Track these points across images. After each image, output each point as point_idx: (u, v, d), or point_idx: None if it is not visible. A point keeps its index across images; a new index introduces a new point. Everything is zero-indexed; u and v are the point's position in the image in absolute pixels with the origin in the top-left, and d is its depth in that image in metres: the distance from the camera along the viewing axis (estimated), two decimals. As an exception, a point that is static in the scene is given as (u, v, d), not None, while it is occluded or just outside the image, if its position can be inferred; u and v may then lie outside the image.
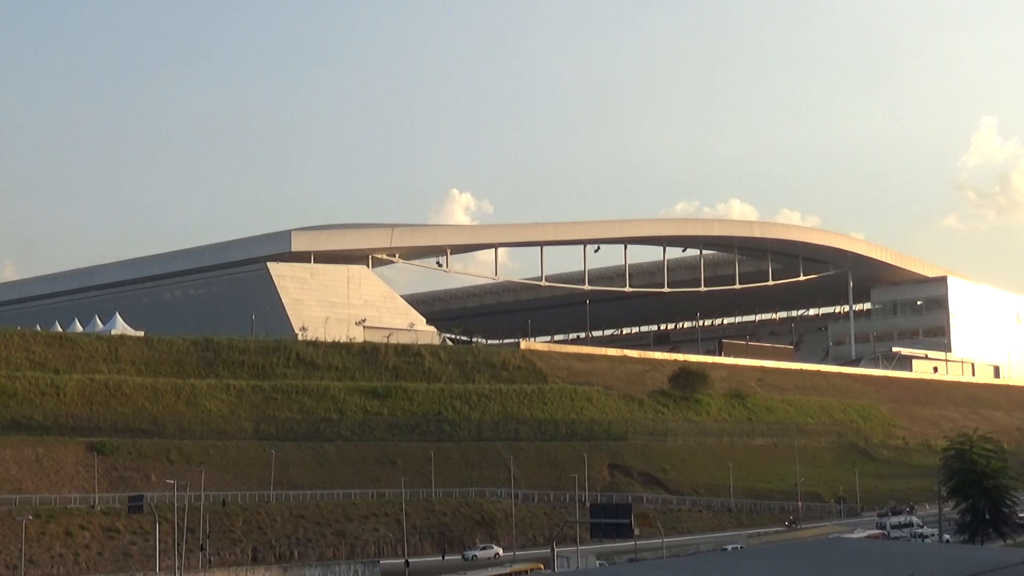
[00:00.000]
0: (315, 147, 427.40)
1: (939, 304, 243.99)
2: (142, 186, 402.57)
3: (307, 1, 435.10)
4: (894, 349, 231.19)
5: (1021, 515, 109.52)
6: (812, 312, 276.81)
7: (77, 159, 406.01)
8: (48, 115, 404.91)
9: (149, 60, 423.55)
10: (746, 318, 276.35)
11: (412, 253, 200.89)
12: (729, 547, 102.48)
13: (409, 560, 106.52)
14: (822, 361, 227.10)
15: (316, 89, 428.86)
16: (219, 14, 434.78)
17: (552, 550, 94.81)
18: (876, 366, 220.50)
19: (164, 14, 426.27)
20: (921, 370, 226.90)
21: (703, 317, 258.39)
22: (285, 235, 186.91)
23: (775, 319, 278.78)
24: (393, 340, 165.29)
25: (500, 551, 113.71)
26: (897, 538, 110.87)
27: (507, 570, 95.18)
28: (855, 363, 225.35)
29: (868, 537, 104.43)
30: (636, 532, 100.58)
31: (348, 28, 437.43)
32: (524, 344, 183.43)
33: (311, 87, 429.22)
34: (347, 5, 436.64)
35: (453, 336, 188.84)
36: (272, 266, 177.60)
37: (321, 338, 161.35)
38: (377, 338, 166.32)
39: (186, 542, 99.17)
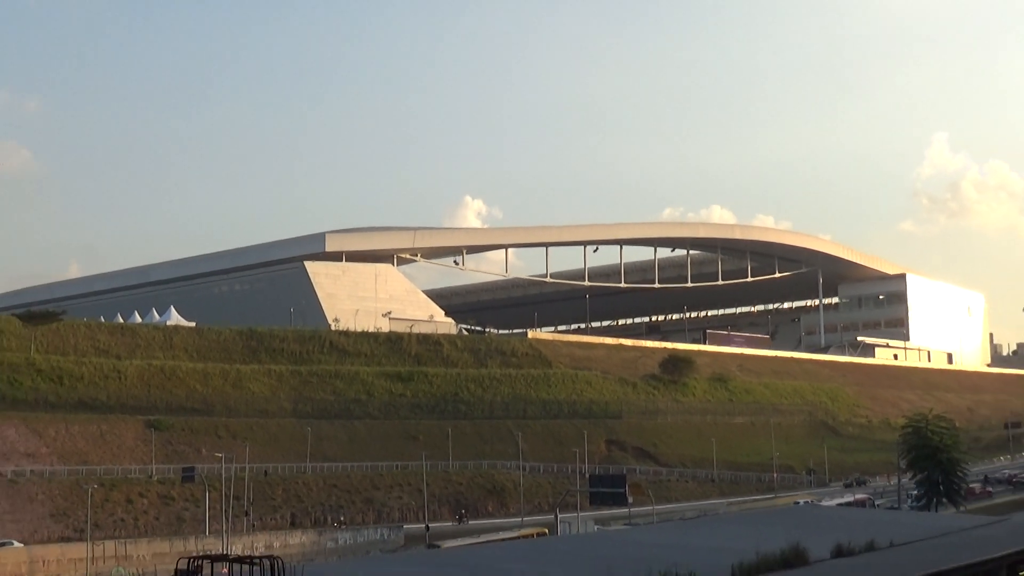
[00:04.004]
0: (346, 159, 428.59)
1: (899, 298, 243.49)
2: (193, 194, 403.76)
3: (336, 35, 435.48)
4: (859, 338, 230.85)
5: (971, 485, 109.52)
6: (786, 305, 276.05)
7: (135, 170, 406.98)
8: (106, 130, 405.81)
9: (200, 87, 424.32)
10: (728, 310, 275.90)
11: (432, 253, 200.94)
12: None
13: (429, 524, 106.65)
14: (795, 349, 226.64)
15: (347, 109, 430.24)
16: (258, 42, 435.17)
17: (555, 516, 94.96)
18: (843, 353, 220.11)
19: (212, 42, 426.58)
20: (883, 357, 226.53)
21: (689, 310, 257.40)
22: (320, 237, 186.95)
23: (753, 311, 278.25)
24: (415, 330, 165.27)
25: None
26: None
27: (515, 534, 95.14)
28: (824, 351, 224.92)
29: (855, 502, 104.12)
30: (630, 500, 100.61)
31: (374, 58, 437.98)
32: (531, 334, 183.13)
33: (342, 107, 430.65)
34: (373, 38, 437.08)
35: (468, 327, 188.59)
36: (308, 264, 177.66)
37: (351, 328, 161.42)
38: (401, 328, 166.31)
39: (232, 508, 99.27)
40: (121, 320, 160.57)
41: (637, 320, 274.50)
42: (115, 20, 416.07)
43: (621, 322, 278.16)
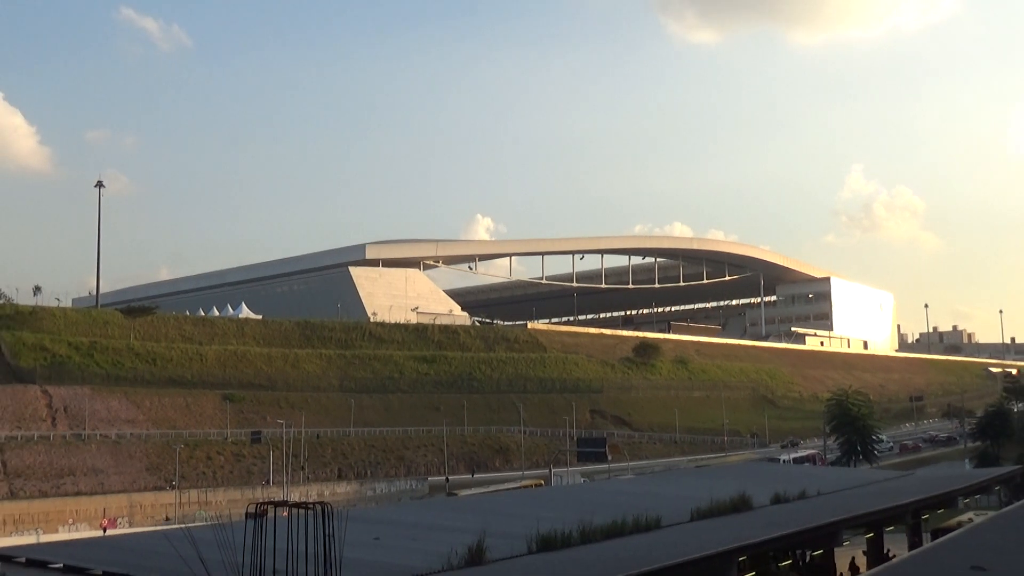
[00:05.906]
0: (382, 184, 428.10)
1: (824, 297, 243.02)
2: (259, 211, 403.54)
3: (373, 88, 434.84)
4: (793, 329, 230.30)
5: (879, 446, 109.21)
6: (734, 302, 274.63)
7: (212, 192, 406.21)
8: (188, 160, 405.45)
9: (263, 127, 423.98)
10: (687, 306, 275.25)
11: (451, 260, 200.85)
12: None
13: (449, 477, 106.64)
14: (741, 337, 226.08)
15: (383, 144, 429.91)
16: (309, 92, 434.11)
17: (550, 470, 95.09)
18: (779, 341, 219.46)
19: (271, 94, 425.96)
20: (811, 344, 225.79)
21: (657, 305, 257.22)
22: (361, 247, 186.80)
23: (708, 307, 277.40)
24: (437, 322, 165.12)
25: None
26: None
27: (518, 484, 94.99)
28: (765, 339, 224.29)
29: (807, 457, 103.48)
30: (609, 458, 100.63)
31: (405, 105, 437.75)
32: (530, 325, 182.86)
33: (380, 142, 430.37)
34: (403, 92, 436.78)
35: (480, 319, 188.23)
36: (352, 269, 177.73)
37: (386, 320, 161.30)
38: (426, 320, 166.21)
39: (291, 464, 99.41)
40: (202, 313, 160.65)
41: (615, 314, 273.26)
42: (192, 73, 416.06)
43: (602, 315, 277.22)
